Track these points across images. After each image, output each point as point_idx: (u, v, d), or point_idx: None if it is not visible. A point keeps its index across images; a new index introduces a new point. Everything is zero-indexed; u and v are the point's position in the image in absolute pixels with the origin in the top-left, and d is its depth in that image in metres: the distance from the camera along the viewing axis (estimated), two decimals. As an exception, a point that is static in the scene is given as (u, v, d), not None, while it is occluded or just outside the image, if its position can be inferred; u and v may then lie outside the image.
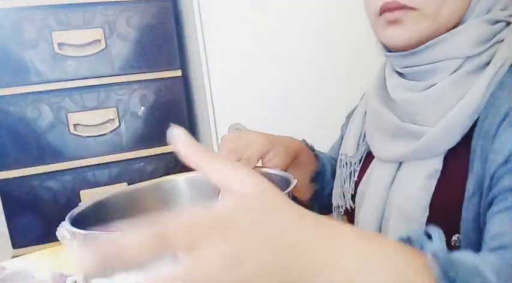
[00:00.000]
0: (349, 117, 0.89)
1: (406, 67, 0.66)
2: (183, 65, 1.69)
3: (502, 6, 0.63)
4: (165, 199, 0.63)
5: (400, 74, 0.68)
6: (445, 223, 0.61)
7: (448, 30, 0.62)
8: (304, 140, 0.85)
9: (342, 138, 0.89)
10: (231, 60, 1.51)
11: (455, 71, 0.62)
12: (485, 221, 0.55)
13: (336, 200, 0.79)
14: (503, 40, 0.61)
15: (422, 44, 0.63)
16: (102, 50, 1.54)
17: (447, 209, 0.61)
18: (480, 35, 0.61)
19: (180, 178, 0.64)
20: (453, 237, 0.60)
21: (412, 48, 0.64)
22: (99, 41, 1.53)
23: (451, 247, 0.61)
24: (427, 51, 0.63)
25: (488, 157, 0.55)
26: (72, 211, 0.52)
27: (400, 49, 0.65)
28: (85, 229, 0.45)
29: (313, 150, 0.86)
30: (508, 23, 0.63)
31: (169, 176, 0.64)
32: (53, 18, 1.48)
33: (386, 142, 0.68)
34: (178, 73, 1.64)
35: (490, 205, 0.54)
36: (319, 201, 0.86)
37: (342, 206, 0.77)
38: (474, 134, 0.58)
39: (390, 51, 0.68)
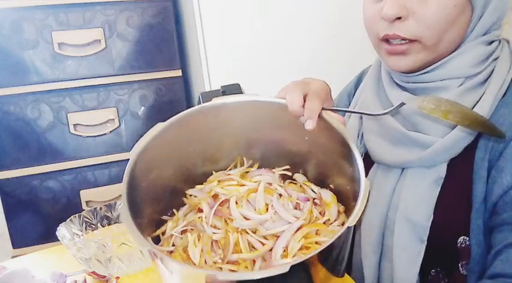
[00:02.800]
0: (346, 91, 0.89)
1: (408, 82, 0.68)
2: (183, 65, 1.69)
3: (497, 27, 0.66)
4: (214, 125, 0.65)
5: (401, 86, 0.70)
6: (449, 226, 0.63)
7: (447, 55, 0.65)
8: None
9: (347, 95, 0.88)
10: (231, 60, 1.50)
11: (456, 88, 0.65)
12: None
13: None
14: (497, 57, 0.65)
15: (423, 68, 0.65)
16: (102, 50, 1.54)
17: (451, 213, 0.64)
18: (478, 56, 0.64)
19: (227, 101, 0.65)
20: (459, 238, 0.63)
21: (414, 71, 0.66)
22: (99, 41, 1.53)
23: (458, 248, 0.63)
24: (429, 73, 0.65)
25: (492, 174, 0.60)
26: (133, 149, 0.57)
27: (401, 72, 0.68)
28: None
29: None
30: (500, 41, 0.67)
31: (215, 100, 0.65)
32: (53, 18, 1.48)
33: (388, 148, 0.70)
34: (178, 73, 1.64)
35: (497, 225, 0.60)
36: None
37: None
38: (479, 145, 0.62)
39: None
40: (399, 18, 0.62)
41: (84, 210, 0.86)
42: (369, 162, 0.74)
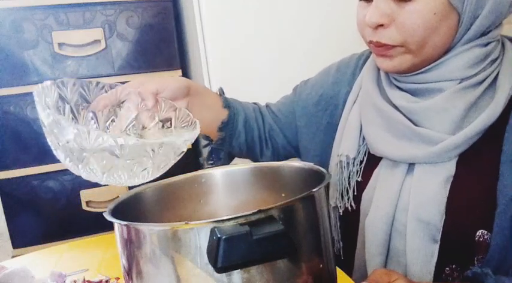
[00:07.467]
0: (302, 85, 0.93)
1: (401, 82, 0.69)
2: (183, 65, 1.69)
3: (494, 27, 0.65)
4: (200, 192, 0.62)
5: (398, 86, 0.71)
6: (463, 222, 0.63)
7: (437, 58, 0.65)
8: (220, 88, 0.87)
9: (293, 97, 0.91)
10: (231, 60, 1.50)
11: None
12: None
13: (334, 201, 0.78)
14: (497, 58, 0.64)
15: (412, 71, 0.66)
16: (102, 50, 1.54)
17: (462, 210, 0.63)
18: (474, 58, 0.64)
19: (216, 172, 0.63)
20: (478, 232, 0.62)
21: (405, 72, 0.67)
22: (99, 41, 1.53)
23: (475, 242, 0.62)
24: (423, 74, 0.66)
25: None
26: (111, 203, 0.54)
27: (389, 73, 0.69)
28: (124, 220, 0.46)
29: (225, 99, 0.85)
30: (499, 40, 0.66)
31: (206, 170, 0.63)
32: (53, 18, 1.48)
33: (392, 141, 0.69)
34: (178, 73, 1.64)
35: None
36: (226, 147, 0.85)
37: (340, 207, 0.77)
38: (506, 139, 0.61)
39: None
40: (382, 25, 0.63)
41: (84, 210, 0.84)
42: (372, 162, 0.73)
